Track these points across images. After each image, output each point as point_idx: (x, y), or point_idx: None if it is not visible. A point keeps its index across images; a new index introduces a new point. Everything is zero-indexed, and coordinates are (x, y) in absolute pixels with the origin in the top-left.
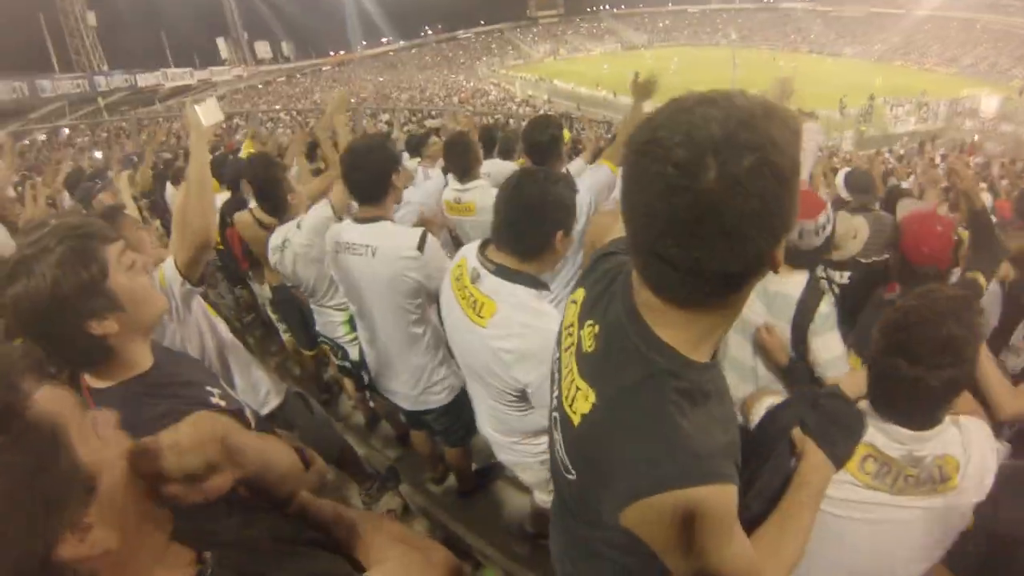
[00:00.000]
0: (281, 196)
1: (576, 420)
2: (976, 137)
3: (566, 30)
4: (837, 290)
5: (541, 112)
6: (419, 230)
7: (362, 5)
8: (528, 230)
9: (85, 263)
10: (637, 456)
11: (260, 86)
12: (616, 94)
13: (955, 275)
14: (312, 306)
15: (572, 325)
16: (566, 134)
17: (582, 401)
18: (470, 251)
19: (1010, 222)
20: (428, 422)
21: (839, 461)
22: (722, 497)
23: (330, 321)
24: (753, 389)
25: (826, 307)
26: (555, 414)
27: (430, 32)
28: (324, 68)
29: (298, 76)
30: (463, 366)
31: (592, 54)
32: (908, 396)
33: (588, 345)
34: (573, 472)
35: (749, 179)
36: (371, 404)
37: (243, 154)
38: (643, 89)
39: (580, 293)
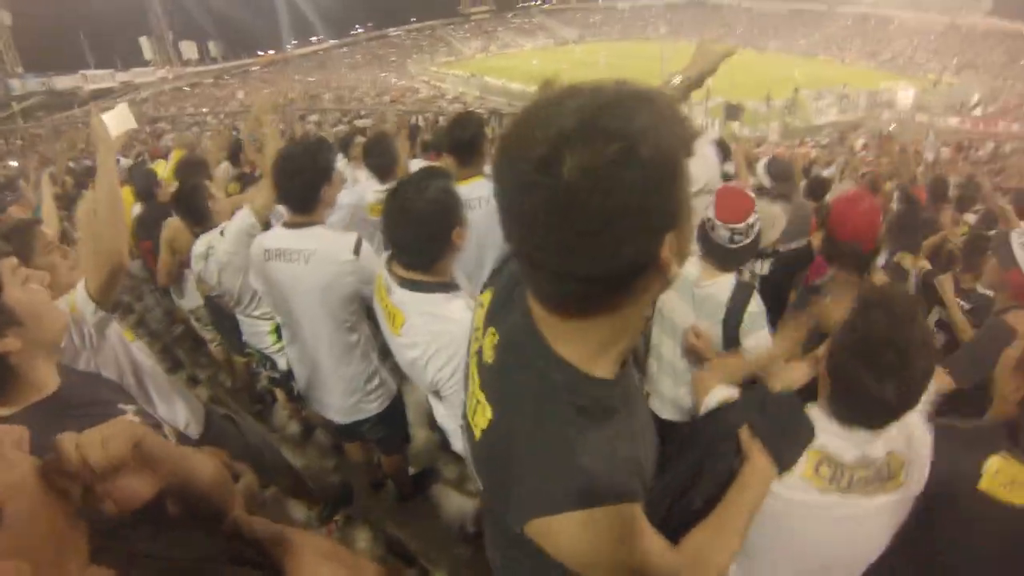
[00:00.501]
0: (201, 205)
1: (477, 434)
2: (892, 127)
3: (497, 26)
4: (758, 282)
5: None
6: (353, 235)
7: (292, 3)
8: (421, 247)
9: None
10: (531, 476)
11: (187, 88)
12: None
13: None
14: (238, 316)
15: (478, 329)
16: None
17: (481, 415)
18: (381, 264)
19: (925, 207)
20: (363, 432)
21: (783, 465)
22: (618, 516)
23: (257, 331)
24: (686, 391)
25: (755, 306)
26: (462, 421)
27: (361, 30)
28: (253, 68)
29: (226, 77)
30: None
31: (524, 49)
32: (875, 407)
33: (488, 356)
34: (479, 482)
35: (611, 170)
36: (304, 413)
37: (171, 163)
38: None
39: (488, 295)
